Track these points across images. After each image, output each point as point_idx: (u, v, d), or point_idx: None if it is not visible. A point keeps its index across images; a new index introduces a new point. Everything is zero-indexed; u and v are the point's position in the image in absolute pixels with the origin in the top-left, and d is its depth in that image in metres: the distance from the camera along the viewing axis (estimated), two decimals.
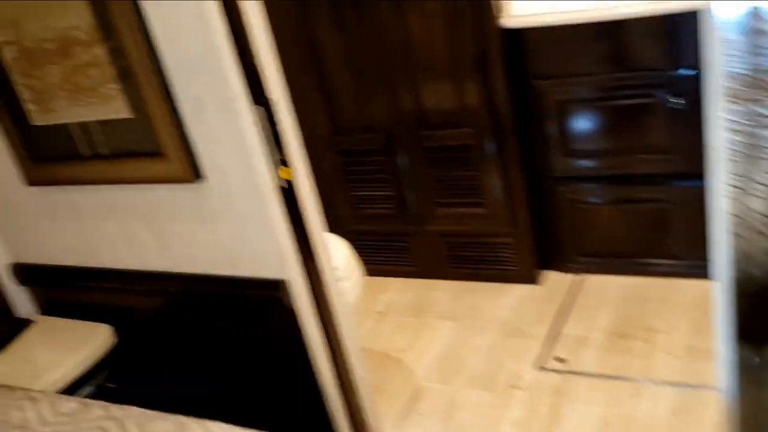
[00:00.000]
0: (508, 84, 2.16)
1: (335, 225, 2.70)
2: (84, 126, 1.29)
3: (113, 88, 1.20)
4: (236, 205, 1.23)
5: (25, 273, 1.60)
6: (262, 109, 1.16)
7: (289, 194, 1.23)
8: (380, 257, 2.71)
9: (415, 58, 2.25)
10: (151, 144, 1.21)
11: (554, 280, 2.46)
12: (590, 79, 2.11)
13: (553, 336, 2.21)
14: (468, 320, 2.37)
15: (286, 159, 1.22)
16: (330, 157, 2.57)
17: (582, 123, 2.19)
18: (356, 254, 2.68)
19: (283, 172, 1.21)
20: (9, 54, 1.27)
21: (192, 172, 1.21)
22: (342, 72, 2.38)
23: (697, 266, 2.25)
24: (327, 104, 2.47)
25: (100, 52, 1.18)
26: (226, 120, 1.15)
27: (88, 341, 1.51)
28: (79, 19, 1.17)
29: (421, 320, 2.43)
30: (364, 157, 2.53)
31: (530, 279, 2.47)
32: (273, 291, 1.26)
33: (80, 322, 1.57)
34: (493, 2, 2.06)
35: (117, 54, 1.16)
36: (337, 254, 1.92)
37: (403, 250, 2.66)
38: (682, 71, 1.99)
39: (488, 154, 2.29)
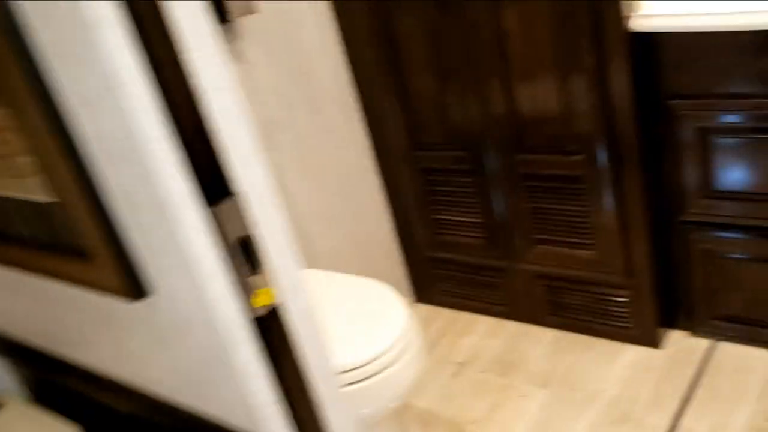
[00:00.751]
0: (634, 103, 1.62)
1: (411, 250, 2.27)
2: (3, 201, 0.93)
3: (26, 162, 0.83)
4: (192, 333, 0.84)
5: (2, 343, 1.31)
6: (226, 208, 0.75)
7: (273, 322, 0.83)
8: (465, 291, 2.26)
9: (511, 65, 1.74)
10: (75, 241, 0.84)
11: (680, 345, 1.91)
12: (747, 103, 1.51)
13: (674, 430, 1.68)
14: (565, 390, 1.87)
15: (267, 277, 0.81)
16: (408, 173, 2.12)
17: (731, 157, 1.60)
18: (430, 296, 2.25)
19: (261, 297, 0.80)
20: None
21: (128, 286, 0.82)
22: (424, 77, 1.91)
23: None
24: (406, 113, 2.01)
25: (1, 111, 0.80)
26: (164, 225, 0.75)
27: None
28: None
29: (508, 381, 1.96)
30: (448, 177, 2.06)
31: (648, 341, 1.93)
32: None
33: (50, 418, 1.25)
34: None
35: (21, 119, 0.78)
36: (391, 324, 1.50)
37: (492, 286, 2.19)
38: None
39: (603, 188, 1.76)
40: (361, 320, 1.51)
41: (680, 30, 1.50)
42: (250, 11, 1.68)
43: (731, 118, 1.55)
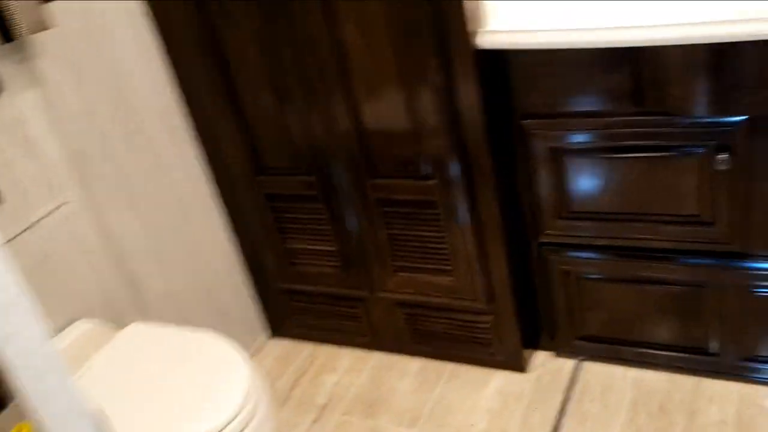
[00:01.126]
0: (487, 124, 1.54)
1: (263, 283, 2.11)
2: None
3: None
4: None
5: None
6: None
7: None
8: (325, 323, 2.13)
9: (354, 83, 1.61)
10: None
11: (545, 367, 1.88)
12: (599, 122, 1.48)
13: None
14: (433, 427, 1.78)
15: (19, 412, 0.62)
16: (253, 200, 1.95)
17: (584, 177, 1.57)
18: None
19: None
20: None
21: None
22: (262, 94, 1.74)
23: (736, 367, 1.67)
24: (245, 134, 1.83)
25: None
26: None
27: None
28: None
29: (373, 423, 1.85)
30: (297, 203, 1.91)
31: (514, 366, 1.88)
32: None
33: None
34: (465, 11, 1.42)
35: None
36: (230, 391, 1.33)
37: (352, 317, 2.07)
38: (732, 118, 1.37)
39: (459, 213, 1.68)
40: (195, 388, 1.33)
41: (526, 47, 1.43)
42: (43, 27, 1.44)
43: (582, 138, 1.51)
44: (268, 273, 2.08)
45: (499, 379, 1.87)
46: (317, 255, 1.97)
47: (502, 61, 1.48)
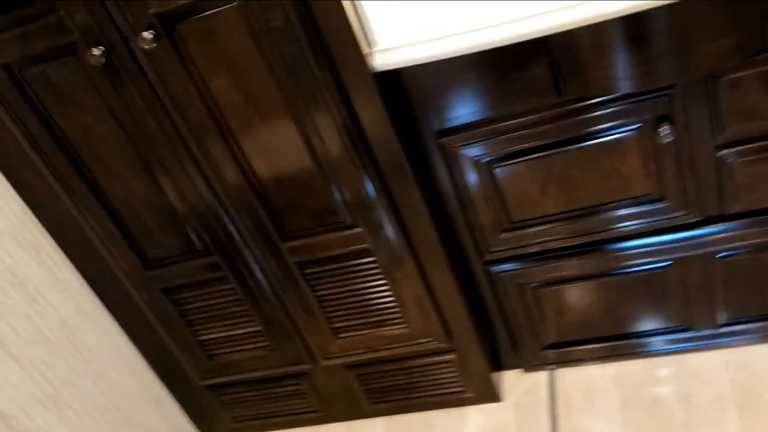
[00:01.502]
0: (404, 150, 1.40)
1: (181, 386, 1.87)
2: None
3: None
4: None
5: None
6: None
7: None
8: (265, 409, 1.91)
9: (239, 135, 1.41)
10: None
11: (521, 388, 1.76)
12: (524, 121, 1.37)
13: None
14: None
15: None
16: (150, 300, 1.70)
17: (521, 183, 1.46)
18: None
19: None
20: None
21: None
22: (129, 179, 1.49)
23: (714, 335, 1.65)
24: (119, 228, 1.58)
25: None
26: None
27: None
28: None
29: None
30: (201, 290, 1.67)
31: (489, 396, 1.77)
32: None
33: None
34: (353, 33, 1.27)
35: None
36: None
37: (297, 395, 1.86)
38: (666, 90, 1.31)
39: (396, 253, 1.53)
40: None
41: (426, 60, 1.30)
42: None
43: (508, 143, 1.41)
44: (186, 374, 1.84)
45: (477, 415, 1.75)
46: (240, 340, 1.75)
47: (405, 78, 1.35)
